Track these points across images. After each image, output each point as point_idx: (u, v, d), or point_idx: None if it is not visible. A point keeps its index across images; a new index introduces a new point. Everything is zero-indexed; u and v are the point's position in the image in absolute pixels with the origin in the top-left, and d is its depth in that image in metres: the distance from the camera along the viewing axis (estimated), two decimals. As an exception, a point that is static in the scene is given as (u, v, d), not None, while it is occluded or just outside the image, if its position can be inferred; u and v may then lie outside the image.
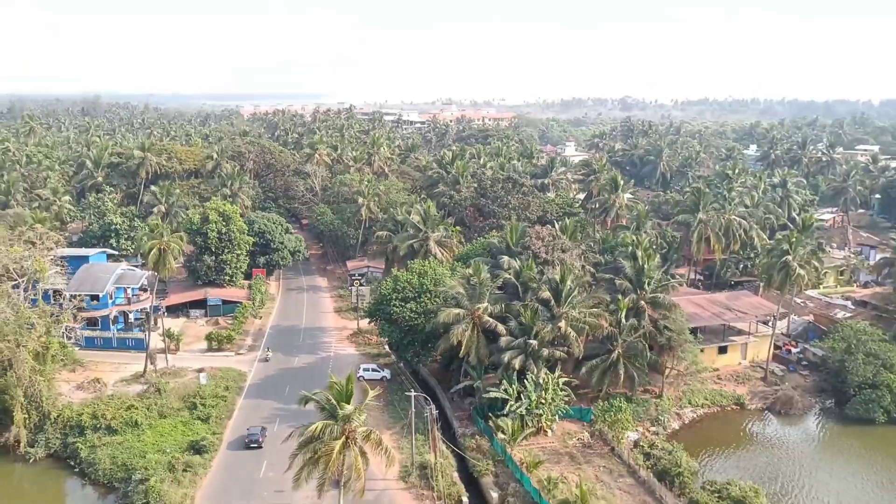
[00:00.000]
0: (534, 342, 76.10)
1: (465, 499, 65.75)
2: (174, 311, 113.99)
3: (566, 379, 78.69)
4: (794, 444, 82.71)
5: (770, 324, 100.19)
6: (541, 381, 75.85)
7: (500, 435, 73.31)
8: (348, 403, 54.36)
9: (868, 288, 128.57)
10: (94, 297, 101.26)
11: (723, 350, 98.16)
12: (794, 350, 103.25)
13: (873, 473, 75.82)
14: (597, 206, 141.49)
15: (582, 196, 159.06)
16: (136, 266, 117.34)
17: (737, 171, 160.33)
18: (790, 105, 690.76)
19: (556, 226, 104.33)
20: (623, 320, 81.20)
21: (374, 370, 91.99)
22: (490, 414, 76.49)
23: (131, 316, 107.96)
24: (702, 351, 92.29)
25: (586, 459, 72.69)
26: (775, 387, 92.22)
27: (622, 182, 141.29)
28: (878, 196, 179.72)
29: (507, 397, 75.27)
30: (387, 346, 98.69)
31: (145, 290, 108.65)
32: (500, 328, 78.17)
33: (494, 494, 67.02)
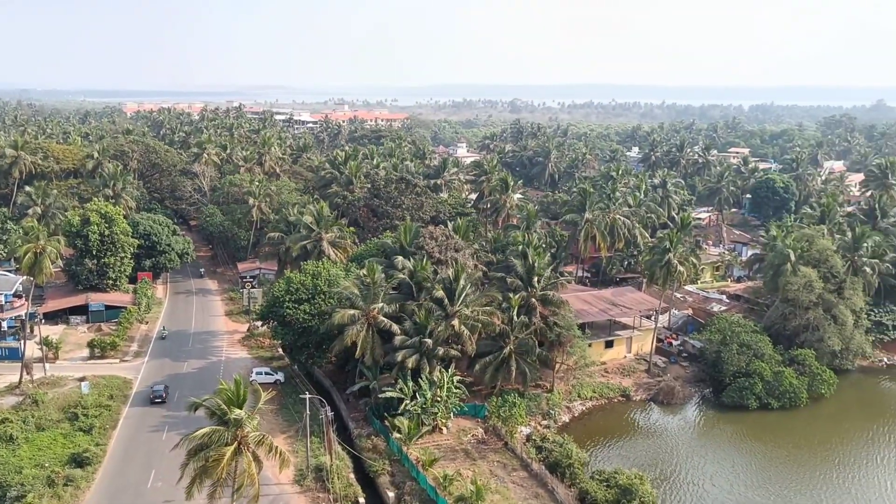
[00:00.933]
0: (428, 341, 76.99)
1: (361, 499, 65.85)
2: (53, 317, 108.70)
3: (460, 377, 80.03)
4: (674, 431, 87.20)
5: (653, 318, 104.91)
6: (435, 379, 76.79)
7: (396, 434, 73.71)
8: (240, 408, 53.32)
9: (741, 282, 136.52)
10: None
11: (609, 344, 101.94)
12: (674, 343, 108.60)
13: (744, 456, 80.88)
14: (488, 206, 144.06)
15: (474, 196, 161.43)
16: (10, 271, 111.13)
17: (620, 172, 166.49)
18: (668, 109, 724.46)
19: (449, 226, 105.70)
20: (514, 317, 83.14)
21: (267, 373, 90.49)
22: (386, 414, 76.79)
23: (4, 324, 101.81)
24: (590, 345, 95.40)
25: (481, 455, 74.13)
26: (658, 378, 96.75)
27: (512, 182, 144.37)
28: (748, 196, 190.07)
29: (402, 396, 75.76)
30: (280, 349, 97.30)
31: (20, 297, 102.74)
32: (395, 328, 78.62)
33: (391, 494, 67.40)
